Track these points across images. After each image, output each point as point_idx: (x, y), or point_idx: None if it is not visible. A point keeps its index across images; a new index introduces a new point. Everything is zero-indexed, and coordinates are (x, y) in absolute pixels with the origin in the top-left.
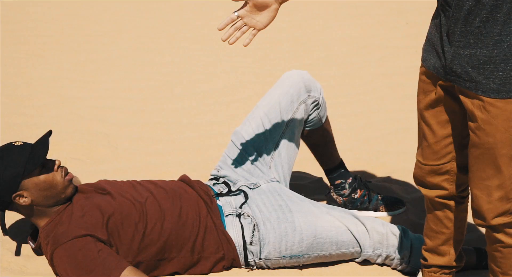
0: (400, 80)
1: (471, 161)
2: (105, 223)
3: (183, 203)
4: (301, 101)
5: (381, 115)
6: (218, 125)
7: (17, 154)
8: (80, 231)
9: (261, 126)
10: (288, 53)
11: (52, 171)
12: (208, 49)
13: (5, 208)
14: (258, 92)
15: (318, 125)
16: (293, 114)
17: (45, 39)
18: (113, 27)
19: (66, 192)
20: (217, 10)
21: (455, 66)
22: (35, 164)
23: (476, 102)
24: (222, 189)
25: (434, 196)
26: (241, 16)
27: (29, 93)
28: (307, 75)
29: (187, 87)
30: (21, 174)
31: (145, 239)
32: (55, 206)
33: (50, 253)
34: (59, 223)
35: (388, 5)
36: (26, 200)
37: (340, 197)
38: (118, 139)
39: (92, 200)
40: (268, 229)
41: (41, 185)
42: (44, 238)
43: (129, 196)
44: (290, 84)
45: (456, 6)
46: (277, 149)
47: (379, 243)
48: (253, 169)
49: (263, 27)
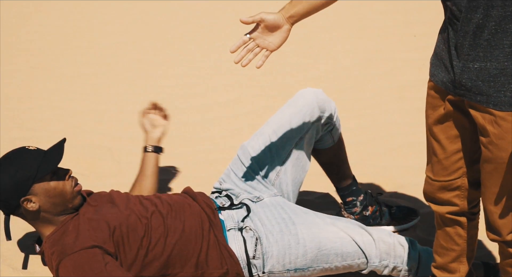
0: (408, 93)
1: (484, 176)
2: (112, 235)
3: (186, 217)
4: (313, 121)
5: (388, 129)
6: (222, 139)
7: (30, 158)
8: (88, 242)
9: (268, 142)
10: (294, 66)
11: (63, 179)
12: (212, 61)
13: (11, 212)
14: (263, 106)
15: (330, 144)
16: (304, 134)
17: (47, 51)
18: (116, 39)
19: (74, 202)
20: (222, 22)
21: (465, 80)
22: (48, 169)
23: (487, 117)
24: (225, 202)
25: (445, 212)
26: (253, 38)
27: (31, 106)
28: (322, 95)
29: (190, 101)
30: (32, 177)
31: (149, 254)
32: (61, 215)
33: (56, 263)
34: (65, 234)
35: (395, 17)
36: (34, 205)
37: (351, 215)
38: (121, 153)
39: (99, 212)
40: (271, 242)
41: (51, 192)
42: (49, 248)
43: (136, 211)
44: (303, 103)
45: (464, 19)
46: (283, 167)
47: (386, 253)
48: (256, 184)
49: (275, 48)
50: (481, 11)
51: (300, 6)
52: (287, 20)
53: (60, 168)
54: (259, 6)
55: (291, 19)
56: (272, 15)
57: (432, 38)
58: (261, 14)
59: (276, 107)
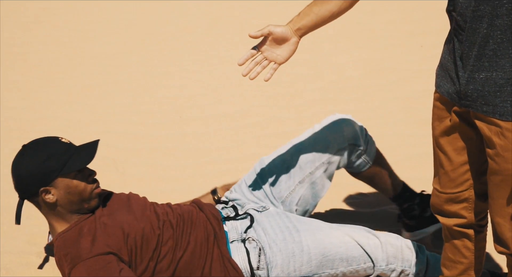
0: (414, 104)
1: (492, 188)
2: (126, 243)
3: (193, 229)
4: (339, 148)
5: (394, 140)
6: (228, 150)
7: (62, 151)
8: (104, 248)
9: (287, 162)
10: (300, 77)
11: (86, 179)
12: (218, 72)
13: (27, 197)
14: (269, 117)
15: (367, 166)
16: (326, 159)
17: (50, 62)
18: (121, 49)
19: (91, 203)
20: (227, 33)
21: (470, 91)
22: (76, 167)
23: (493, 128)
24: (230, 213)
25: (452, 224)
26: (261, 51)
27: (35, 117)
28: (350, 121)
29: (196, 111)
30: (59, 170)
31: (157, 266)
32: (75, 214)
33: (70, 267)
34: (80, 236)
35: (402, 27)
36: (52, 198)
37: (411, 220)
38: (125, 164)
39: (116, 218)
40: (275, 251)
41: (71, 189)
42: (62, 247)
43: (151, 221)
44: (330, 130)
45: (469, 29)
46: (297, 188)
47: (393, 257)
48: (264, 198)
49: (283, 61)
50: (486, 20)
51: (308, 18)
52: (295, 32)
53: (87, 168)
54: (264, 16)
55: (299, 32)
56: (280, 28)
57: (438, 49)
58: (269, 27)
59: (281, 118)
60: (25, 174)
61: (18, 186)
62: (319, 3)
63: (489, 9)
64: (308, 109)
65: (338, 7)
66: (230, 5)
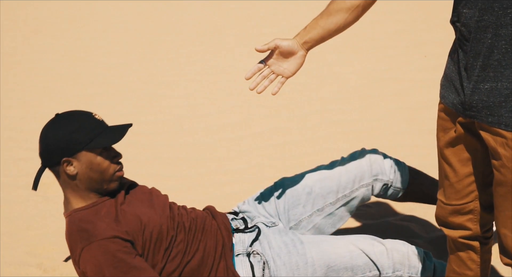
0: (418, 114)
1: (497, 199)
2: (142, 234)
3: (203, 236)
4: (364, 184)
5: (398, 151)
6: (230, 160)
7: (92, 126)
8: (122, 233)
9: (309, 187)
10: (302, 87)
11: (110, 159)
12: (219, 82)
13: (49, 165)
14: (272, 127)
15: (401, 192)
16: (349, 193)
17: (50, 71)
18: (122, 59)
19: (110, 185)
20: (229, 43)
21: (475, 102)
22: (102, 143)
23: (498, 139)
24: (239, 225)
25: (458, 236)
26: (268, 64)
27: (35, 127)
28: (375, 156)
29: (197, 121)
30: (85, 144)
31: (165, 267)
32: (92, 193)
33: (83, 244)
34: (98, 217)
35: (405, 37)
36: (73, 170)
37: None
38: (127, 175)
39: (136, 208)
40: (279, 265)
41: (93, 166)
42: (76, 223)
43: (168, 220)
44: (356, 165)
45: (473, 40)
46: (312, 215)
47: (400, 263)
48: (275, 215)
49: (291, 74)
50: (491, 30)
51: (314, 31)
52: (301, 46)
53: (114, 149)
54: (267, 25)
55: (306, 45)
56: (286, 42)
57: (443, 59)
58: (276, 40)
59: (284, 128)
60: (52, 142)
61: (43, 153)
62: (325, 16)
63: (493, 19)
64: (311, 119)
65: (344, 20)
66: (233, 15)
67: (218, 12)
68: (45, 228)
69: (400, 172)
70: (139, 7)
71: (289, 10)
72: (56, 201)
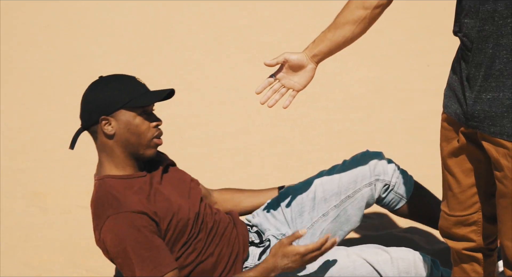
0: (421, 124)
1: (500, 211)
2: (169, 222)
3: (221, 241)
4: (366, 183)
5: (401, 161)
6: (231, 170)
7: (133, 87)
8: (152, 213)
9: (312, 192)
10: (304, 95)
11: (149, 123)
12: (220, 90)
13: (87, 126)
14: (272, 136)
15: (402, 202)
16: (352, 193)
17: (49, 81)
18: (122, 66)
19: (146, 151)
20: (230, 51)
21: (477, 112)
22: (140, 102)
23: (501, 150)
24: (254, 238)
25: (461, 248)
26: (278, 78)
27: (34, 136)
28: (379, 157)
29: (197, 131)
30: (124, 102)
31: (178, 261)
32: (128, 159)
33: (112, 211)
34: (130, 190)
35: (408, 46)
36: (110, 129)
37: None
38: None
39: (171, 193)
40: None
41: (132, 127)
42: (108, 188)
43: (196, 215)
44: (358, 164)
45: (475, 50)
46: (320, 222)
47: (405, 272)
48: (285, 225)
49: (301, 88)
50: (492, 40)
51: (323, 45)
52: (311, 59)
53: (154, 114)
54: (269, 34)
55: (315, 58)
56: (295, 55)
57: (445, 68)
58: (285, 54)
59: (286, 137)
60: (92, 100)
61: (82, 113)
62: (332, 29)
63: (494, 29)
64: (314, 128)
65: (351, 33)
66: (234, 23)
67: (218, 20)
68: (43, 239)
69: (403, 179)
70: (137, 17)
71: (290, 16)
72: (55, 212)
